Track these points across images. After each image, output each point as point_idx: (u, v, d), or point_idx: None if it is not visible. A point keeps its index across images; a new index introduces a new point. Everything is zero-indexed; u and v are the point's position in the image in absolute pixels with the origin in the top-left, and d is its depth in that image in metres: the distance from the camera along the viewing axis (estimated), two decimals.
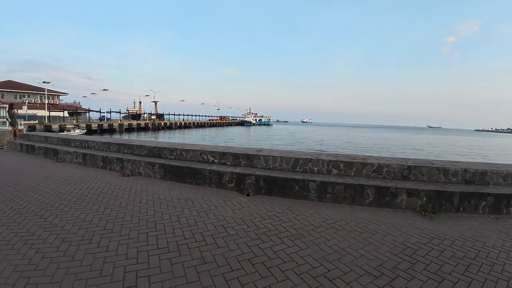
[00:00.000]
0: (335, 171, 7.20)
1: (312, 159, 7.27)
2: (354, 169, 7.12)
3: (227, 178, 7.57)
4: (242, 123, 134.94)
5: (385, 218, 5.70)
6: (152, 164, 9.23)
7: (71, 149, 11.54)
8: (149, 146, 10.14)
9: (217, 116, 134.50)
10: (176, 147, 9.58)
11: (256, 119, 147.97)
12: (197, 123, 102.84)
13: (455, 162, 7.93)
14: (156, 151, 9.98)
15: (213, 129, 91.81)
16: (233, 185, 7.51)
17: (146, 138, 45.53)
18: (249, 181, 7.23)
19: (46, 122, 49.38)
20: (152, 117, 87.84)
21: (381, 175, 7.07)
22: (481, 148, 50.95)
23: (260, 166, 7.85)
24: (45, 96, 58.31)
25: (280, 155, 7.63)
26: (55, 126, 44.52)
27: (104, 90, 76.67)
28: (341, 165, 7.15)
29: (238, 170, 7.63)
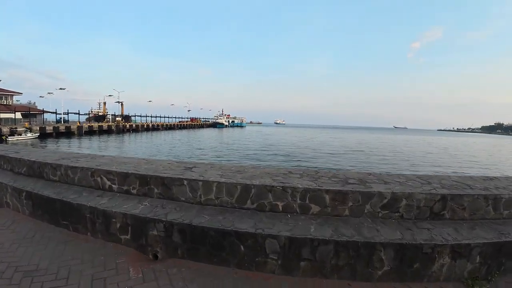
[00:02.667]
0: (315, 209, 3.91)
1: (274, 186, 3.93)
2: (351, 204, 3.87)
3: (118, 225, 4.08)
4: (215, 125, 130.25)
5: None
6: (19, 192, 5.59)
7: None
8: (29, 160, 6.39)
9: (187, 118, 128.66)
10: (61, 163, 5.88)
11: (229, 121, 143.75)
12: (166, 125, 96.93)
13: (494, 179, 5.06)
14: (36, 168, 6.27)
15: (184, 131, 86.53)
16: (128, 237, 4.04)
17: (108, 143, 39.96)
18: (155, 232, 3.78)
19: None
20: (117, 118, 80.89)
21: (397, 213, 3.91)
22: (470, 148, 48.66)
23: (183, 199, 4.40)
24: None
25: (218, 180, 4.21)
26: (5, 129, 38.27)
27: (60, 89, 68.79)
28: (327, 197, 3.87)
29: (139, 209, 4.13)
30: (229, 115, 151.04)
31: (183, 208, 4.11)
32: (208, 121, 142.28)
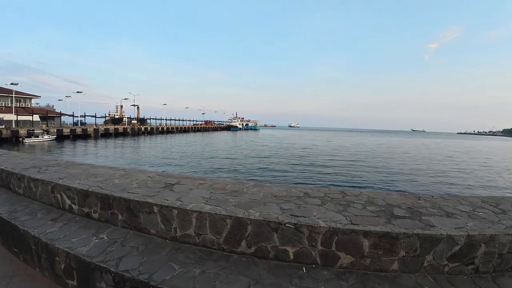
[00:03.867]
0: (345, 259, 2.52)
1: (282, 224, 2.57)
2: (402, 253, 2.46)
3: (62, 265, 2.87)
4: (229, 128, 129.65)
5: None
6: None
7: None
8: None
9: (202, 121, 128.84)
10: (26, 173, 4.81)
11: (242, 124, 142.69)
12: (181, 127, 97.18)
13: None
14: (4, 178, 5.32)
15: (198, 134, 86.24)
16: (75, 284, 2.80)
17: (122, 145, 39.66)
18: (103, 285, 2.51)
19: (14, 127, 43.69)
20: (133, 121, 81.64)
21: (471, 266, 2.48)
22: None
23: (154, 231, 3.13)
24: (12, 99, 51.96)
25: (199, 209, 2.91)
26: (22, 131, 39.01)
27: (78, 92, 69.88)
28: (365, 242, 2.47)
29: (89, 246, 2.90)
30: (243, 118, 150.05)
31: (149, 249, 2.83)
32: (222, 124, 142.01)
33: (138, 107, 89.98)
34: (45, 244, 3.13)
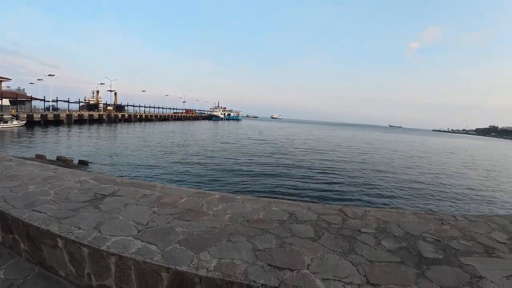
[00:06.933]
0: None
1: (251, 286, 1.48)
2: None
3: None
4: (210, 118, 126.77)
5: None
6: None
7: None
8: None
9: (182, 109, 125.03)
10: None
11: (224, 114, 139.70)
12: (160, 116, 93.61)
13: None
14: None
15: (178, 123, 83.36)
16: None
17: (96, 132, 36.92)
18: None
19: None
20: (108, 108, 77.29)
21: None
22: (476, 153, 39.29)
23: (63, 274, 1.99)
24: None
25: (121, 250, 1.77)
26: None
27: (50, 75, 64.64)
28: None
29: None
30: (225, 108, 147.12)
31: None
32: (204, 113, 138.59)
33: (115, 93, 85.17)
34: None
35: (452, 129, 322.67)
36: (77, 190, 2.96)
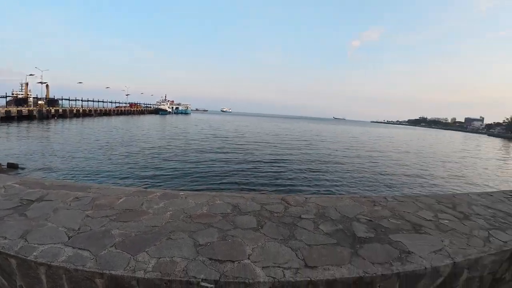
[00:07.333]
0: None
1: (192, 282, 1.48)
2: None
3: None
4: (157, 111, 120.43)
5: None
6: None
7: None
8: None
9: (126, 103, 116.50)
10: None
11: (172, 107, 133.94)
12: (101, 110, 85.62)
13: None
14: None
15: (121, 118, 77.17)
16: None
17: (23, 132, 32.07)
18: None
19: None
20: (39, 102, 67.89)
21: None
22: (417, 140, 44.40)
23: None
24: None
25: (50, 259, 1.61)
26: None
27: None
28: None
29: None
30: (173, 101, 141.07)
31: None
32: (150, 107, 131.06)
33: (47, 85, 75.05)
34: None
35: (387, 121, 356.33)
36: (1, 197, 2.59)
